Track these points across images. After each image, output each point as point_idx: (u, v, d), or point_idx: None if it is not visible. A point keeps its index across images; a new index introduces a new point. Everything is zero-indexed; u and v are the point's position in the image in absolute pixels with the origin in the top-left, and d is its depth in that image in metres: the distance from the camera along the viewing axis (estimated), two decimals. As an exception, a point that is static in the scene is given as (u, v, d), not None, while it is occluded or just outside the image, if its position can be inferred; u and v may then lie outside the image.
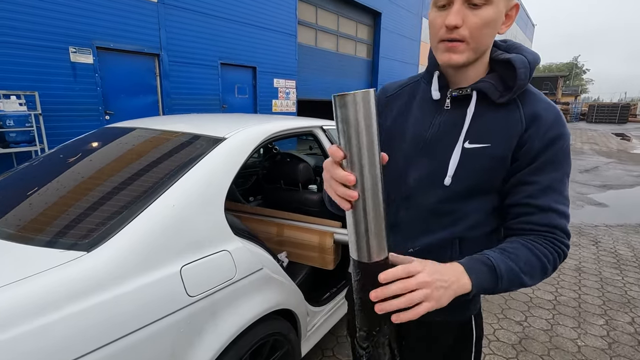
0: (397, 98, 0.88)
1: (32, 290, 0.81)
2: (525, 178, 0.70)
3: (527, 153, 0.70)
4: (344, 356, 1.98)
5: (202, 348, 1.07)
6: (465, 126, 0.73)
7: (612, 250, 3.60)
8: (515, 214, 0.72)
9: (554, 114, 0.70)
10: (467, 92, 0.73)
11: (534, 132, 0.69)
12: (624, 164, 9.29)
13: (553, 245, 0.69)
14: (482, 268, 0.64)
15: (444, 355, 0.83)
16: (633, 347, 2.10)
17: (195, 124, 1.63)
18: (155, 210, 1.07)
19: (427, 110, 0.80)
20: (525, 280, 0.67)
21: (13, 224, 1.10)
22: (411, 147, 0.80)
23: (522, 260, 0.66)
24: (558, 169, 0.70)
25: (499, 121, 0.72)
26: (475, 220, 0.75)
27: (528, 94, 0.73)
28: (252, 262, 1.27)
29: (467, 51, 0.68)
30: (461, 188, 0.74)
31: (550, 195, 0.69)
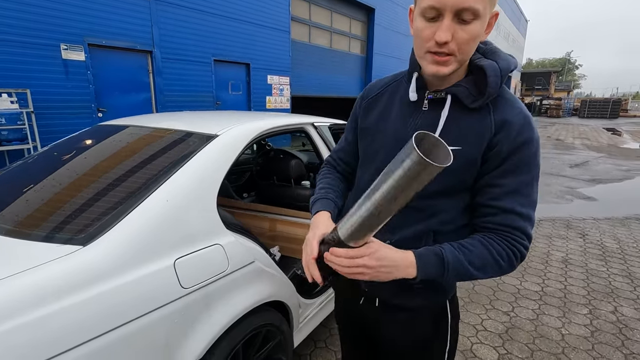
0: (379, 98, 0.92)
1: (29, 283, 0.84)
2: (492, 180, 0.74)
3: (496, 156, 0.73)
4: (336, 347, 2.03)
5: (195, 338, 1.11)
6: (439, 128, 0.77)
7: (599, 242, 3.69)
8: (481, 214, 0.77)
9: (522, 120, 0.73)
10: (441, 95, 0.77)
11: (503, 136, 0.72)
12: (613, 158, 9.44)
13: (510, 245, 0.73)
14: (432, 258, 0.72)
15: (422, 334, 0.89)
16: (614, 335, 2.18)
17: (188, 121, 1.66)
18: (149, 205, 1.10)
19: (407, 111, 0.83)
20: (475, 274, 0.73)
21: (10, 220, 1.13)
22: (392, 146, 0.83)
23: (475, 255, 0.72)
24: (525, 172, 0.73)
25: (471, 125, 0.75)
26: (449, 216, 0.80)
27: (500, 100, 0.75)
28: (244, 255, 1.31)
29: (454, 63, 0.70)
30: (435, 188, 0.76)
31: (516, 198, 0.73)
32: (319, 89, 10.41)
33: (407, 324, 0.89)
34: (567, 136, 14.51)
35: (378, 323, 0.94)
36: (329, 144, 2.08)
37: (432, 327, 0.89)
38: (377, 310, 0.92)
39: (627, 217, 4.55)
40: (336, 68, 10.89)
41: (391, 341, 0.93)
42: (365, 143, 0.93)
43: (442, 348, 0.91)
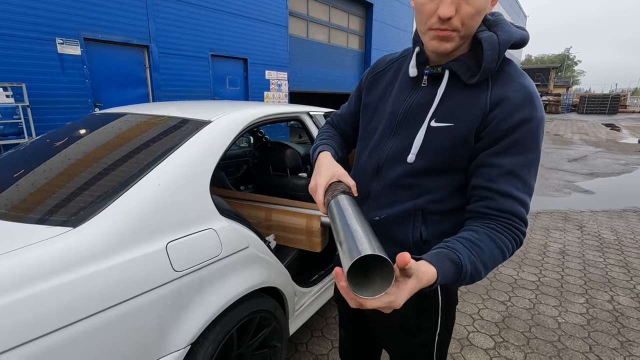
0: (385, 73, 0.90)
1: (16, 262, 0.84)
2: (487, 159, 0.69)
3: (490, 134, 0.68)
4: (333, 336, 2.03)
5: (188, 321, 1.11)
6: (434, 105, 0.74)
7: (596, 234, 3.69)
8: (478, 197, 0.71)
9: (522, 96, 0.67)
10: (438, 71, 0.74)
11: (498, 113, 0.67)
12: (612, 152, 9.44)
13: (512, 233, 0.68)
14: (450, 266, 0.61)
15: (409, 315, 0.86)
16: (610, 323, 2.19)
17: (183, 109, 1.65)
18: (140, 188, 1.09)
19: (405, 87, 0.81)
20: (483, 275, 0.66)
21: (3, 204, 1.12)
22: (387, 123, 0.83)
23: (487, 255, 0.65)
24: (522, 153, 0.68)
25: (465, 102, 0.71)
26: (438, 196, 0.77)
27: (502, 75, 0.71)
28: (238, 240, 1.31)
29: (457, 39, 0.67)
30: (423, 165, 0.75)
31: (512, 180, 0.68)
32: (317, 85, 10.37)
33: None
34: (565, 131, 14.51)
35: None
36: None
37: (418, 309, 0.86)
38: None
39: (625, 210, 4.56)
40: (334, 63, 10.86)
41: (379, 321, 0.92)
42: (365, 119, 0.92)
43: (431, 331, 0.88)
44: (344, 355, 1.19)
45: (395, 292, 0.54)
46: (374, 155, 0.85)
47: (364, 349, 1.12)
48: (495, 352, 1.91)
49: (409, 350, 0.92)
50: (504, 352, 1.92)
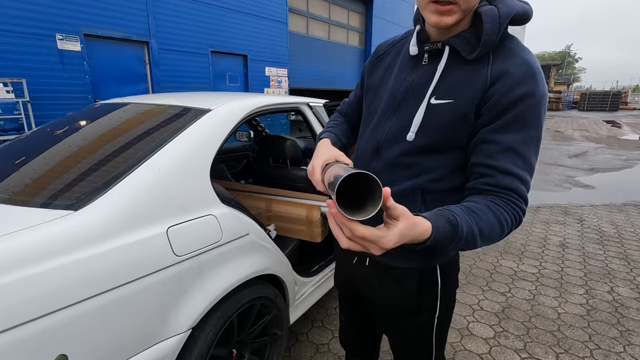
0: (386, 56, 0.90)
1: (18, 243, 0.84)
2: (487, 136, 0.69)
3: (491, 109, 0.67)
4: (333, 326, 2.04)
5: (189, 305, 1.11)
6: (433, 81, 0.74)
7: (596, 227, 3.70)
8: (478, 174, 0.70)
9: (524, 71, 0.66)
10: (438, 47, 0.73)
11: (499, 88, 0.66)
12: (612, 148, 9.43)
13: (511, 209, 0.67)
14: (446, 225, 0.62)
15: (408, 296, 0.86)
16: (609, 313, 2.19)
17: (183, 99, 1.66)
18: (141, 173, 1.10)
19: (405, 66, 0.81)
20: (479, 243, 0.66)
21: (7, 189, 1.12)
22: (387, 102, 0.83)
23: (484, 222, 0.65)
24: (522, 129, 0.66)
25: (465, 77, 0.70)
26: (438, 175, 0.76)
27: (504, 49, 0.69)
28: (238, 227, 1.31)
29: (458, 12, 0.66)
30: (422, 143, 0.75)
31: (511, 157, 0.67)
32: (317, 81, 10.36)
33: (392, 286, 0.87)
34: (566, 128, 14.49)
35: (365, 283, 0.94)
36: (325, 125, 2.07)
37: (417, 292, 0.85)
38: (366, 270, 0.92)
39: (625, 204, 4.56)
40: (334, 60, 10.84)
41: (377, 303, 0.93)
42: (367, 102, 0.92)
43: (430, 312, 0.88)
44: (344, 340, 1.19)
45: (385, 230, 0.55)
46: (374, 136, 0.85)
47: (364, 334, 1.12)
48: (495, 342, 1.92)
49: (409, 333, 0.92)
50: (503, 341, 1.93)
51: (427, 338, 0.91)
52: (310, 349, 1.87)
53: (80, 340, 0.87)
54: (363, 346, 1.15)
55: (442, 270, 0.86)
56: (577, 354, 1.84)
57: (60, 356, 0.83)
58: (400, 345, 0.98)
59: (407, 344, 0.96)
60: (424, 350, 0.92)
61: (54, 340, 0.82)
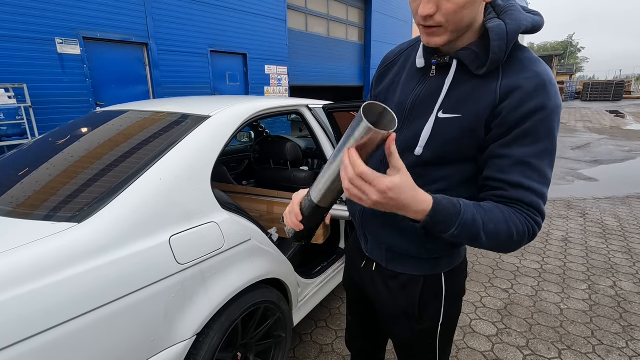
0: (394, 65, 0.89)
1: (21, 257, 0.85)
2: (498, 150, 0.68)
3: (501, 125, 0.67)
4: (336, 326, 2.06)
5: (193, 312, 1.13)
6: (441, 95, 0.73)
7: (599, 221, 3.69)
8: (488, 188, 0.71)
9: (535, 84, 0.65)
10: (445, 60, 0.72)
11: (509, 104, 0.66)
12: (615, 139, 9.37)
13: (525, 219, 0.66)
14: (448, 207, 0.63)
15: (412, 302, 0.87)
16: (612, 308, 2.20)
17: (182, 105, 1.67)
18: (142, 184, 1.11)
19: (413, 77, 0.80)
20: (483, 239, 0.65)
21: (9, 202, 1.14)
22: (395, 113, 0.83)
23: (489, 217, 0.65)
24: (534, 143, 0.66)
25: (473, 92, 0.70)
26: (445, 186, 0.76)
27: (515, 61, 0.68)
28: (240, 233, 1.33)
29: (446, 34, 0.66)
30: (430, 157, 0.74)
31: (522, 171, 0.66)
32: (318, 79, 10.33)
33: (397, 291, 0.88)
34: (569, 119, 14.39)
35: (374, 288, 0.95)
36: (324, 126, 2.07)
37: (421, 299, 0.86)
38: (374, 275, 0.93)
39: (629, 196, 4.54)
40: (334, 56, 10.79)
41: (383, 307, 0.94)
42: None
43: (433, 321, 0.88)
44: (349, 342, 1.20)
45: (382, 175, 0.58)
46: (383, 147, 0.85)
47: (370, 336, 1.13)
48: (498, 339, 1.93)
49: (412, 339, 0.93)
50: (506, 338, 1.94)
51: (430, 344, 0.91)
52: (314, 349, 1.89)
53: (87, 352, 0.89)
54: (369, 348, 1.17)
55: (447, 279, 0.86)
56: (579, 350, 1.85)
57: (68, 367, 0.85)
58: (403, 350, 0.99)
59: (409, 348, 0.97)
60: (427, 355, 0.93)
61: (62, 352, 0.84)
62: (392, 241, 0.85)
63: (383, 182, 0.57)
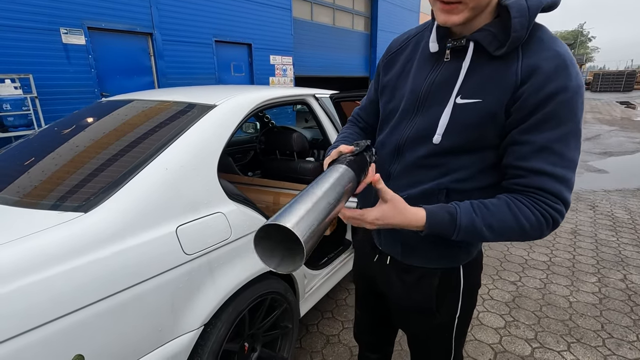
0: (402, 52, 0.85)
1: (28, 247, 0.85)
2: (518, 137, 0.66)
3: (521, 109, 0.64)
4: (342, 317, 2.06)
5: (201, 303, 1.13)
6: (459, 80, 0.70)
7: (609, 213, 3.63)
8: (509, 176, 0.69)
9: (555, 65, 0.62)
10: (462, 43, 0.69)
11: (530, 86, 0.63)
12: (626, 131, 9.20)
13: (541, 209, 0.65)
14: (444, 216, 0.67)
15: (429, 297, 0.85)
16: (623, 302, 2.17)
17: (188, 94, 1.64)
18: (148, 174, 1.10)
19: (425, 63, 0.77)
20: (489, 238, 0.67)
21: (17, 192, 1.14)
22: (408, 102, 0.79)
23: (495, 218, 0.65)
24: (557, 127, 0.63)
25: (493, 75, 0.67)
26: (464, 175, 0.74)
27: (534, 42, 0.65)
28: (247, 224, 1.31)
29: (466, 11, 0.63)
30: (449, 145, 0.72)
31: (545, 156, 0.64)
32: (323, 69, 10.24)
33: (413, 286, 0.86)
34: (578, 110, 14.13)
35: (386, 282, 0.93)
36: (331, 116, 2.04)
37: (438, 292, 0.84)
38: (387, 268, 0.91)
39: (639, 188, 4.46)
40: (340, 46, 10.67)
41: (397, 301, 0.92)
42: (384, 101, 0.88)
43: (450, 315, 0.87)
44: (358, 335, 1.19)
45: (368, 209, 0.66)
46: (394, 136, 0.82)
47: (379, 329, 1.12)
48: (506, 331, 1.92)
49: (427, 333, 0.91)
50: (514, 330, 1.92)
51: (446, 338, 0.90)
52: (321, 340, 1.89)
53: (95, 341, 0.88)
54: (377, 341, 1.16)
55: (465, 270, 0.84)
56: (589, 343, 1.83)
57: (76, 356, 0.85)
58: (418, 344, 0.98)
59: (425, 343, 0.95)
60: (443, 349, 0.92)
61: (70, 342, 0.84)
62: (409, 234, 0.80)
63: (370, 215, 0.66)
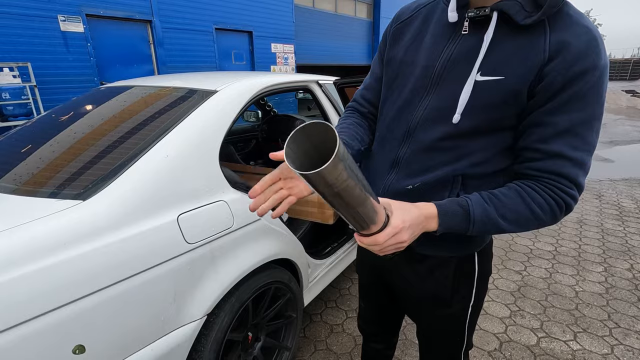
0: (411, 22, 0.78)
1: (29, 235, 0.82)
2: (541, 118, 0.62)
3: (547, 89, 0.60)
4: (346, 306, 2.05)
5: (204, 293, 1.11)
6: (480, 55, 0.64)
7: (615, 202, 3.59)
8: (524, 158, 0.65)
9: (586, 42, 0.58)
10: (485, 12, 0.63)
11: (558, 64, 0.58)
12: (632, 120, 9.08)
13: (553, 194, 0.62)
14: (457, 210, 0.64)
15: (443, 286, 0.82)
16: (629, 291, 2.15)
17: (189, 80, 1.60)
18: (147, 161, 1.06)
19: (441, 36, 0.70)
20: (505, 228, 0.64)
21: (14, 180, 1.11)
22: (420, 78, 0.72)
23: (508, 208, 0.63)
24: (583, 108, 0.60)
25: (517, 50, 0.61)
26: (482, 157, 0.69)
27: (562, 16, 0.60)
28: (250, 212, 1.28)
29: None
30: (469, 125, 0.67)
31: (567, 139, 0.60)
32: (325, 57, 10.10)
33: (427, 276, 0.83)
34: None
35: (396, 272, 0.90)
36: (335, 103, 2.00)
37: (453, 281, 0.81)
38: (396, 258, 0.88)
39: (646, 178, 4.41)
40: (342, 34, 10.51)
41: (409, 292, 0.89)
42: (389, 76, 0.80)
43: (464, 304, 0.84)
44: (362, 326, 1.17)
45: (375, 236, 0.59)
46: (404, 117, 0.75)
47: (384, 320, 1.10)
48: (511, 321, 1.90)
49: (441, 323, 0.89)
50: (519, 320, 1.91)
51: (460, 327, 0.88)
52: (324, 329, 1.88)
53: (96, 331, 0.87)
54: (382, 332, 1.14)
55: (479, 258, 0.81)
56: (595, 333, 1.81)
57: (77, 346, 0.83)
58: (430, 334, 0.95)
59: (438, 333, 0.93)
60: (456, 338, 0.90)
61: (70, 332, 0.82)
62: None
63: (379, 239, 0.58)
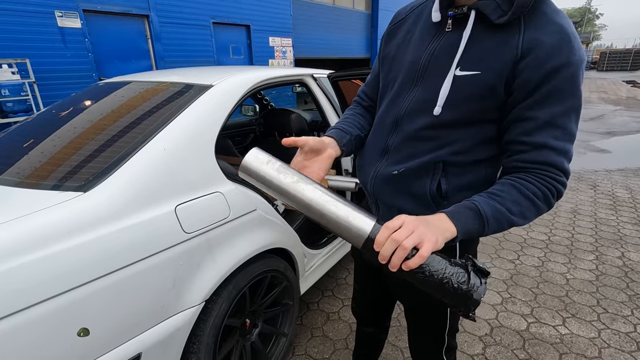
0: (404, 23, 0.85)
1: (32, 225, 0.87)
2: (522, 113, 0.66)
3: (524, 85, 0.64)
4: (343, 295, 2.10)
5: (202, 280, 1.15)
6: (459, 51, 0.69)
7: (610, 192, 3.63)
8: (511, 152, 0.69)
9: (558, 39, 0.62)
10: (463, 11, 0.68)
11: (531, 61, 0.62)
12: (631, 110, 9.08)
13: (545, 183, 0.66)
14: (467, 213, 0.64)
15: None
16: (619, 278, 2.20)
17: (185, 75, 1.63)
18: (145, 154, 1.10)
19: (427, 33, 0.76)
20: (515, 220, 0.66)
21: (17, 173, 1.15)
22: (408, 73, 0.78)
23: (509, 201, 0.65)
24: (560, 102, 0.63)
25: (493, 47, 0.65)
26: (462, 147, 0.73)
27: (537, 14, 0.64)
28: (245, 203, 1.33)
29: None
30: (449, 117, 0.71)
31: (549, 130, 0.64)
32: (324, 51, 10.07)
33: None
34: (583, 91, 13.90)
35: None
36: (330, 97, 2.03)
37: None
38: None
39: (642, 168, 4.44)
40: (340, 27, 10.46)
41: (395, 278, 0.93)
42: (384, 72, 0.87)
43: None
44: (356, 309, 1.22)
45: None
46: (393, 108, 0.81)
47: (377, 303, 1.15)
48: (503, 307, 1.96)
49: (425, 306, 0.93)
50: (511, 307, 1.96)
51: (441, 311, 0.92)
52: (321, 317, 1.94)
53: (99, 315, 0.91)
54: (375, 315, 1.19)
55: (461, 248, 0.85)
56: (584, 318, 1.86)
57: (82, 329, 0.88)
58: (415, 316, 1.00)
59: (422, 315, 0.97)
60: (438, 322, 0.94)
61: (75, 315, 0.86)
62: (405, 205, 0.81)
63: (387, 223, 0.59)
